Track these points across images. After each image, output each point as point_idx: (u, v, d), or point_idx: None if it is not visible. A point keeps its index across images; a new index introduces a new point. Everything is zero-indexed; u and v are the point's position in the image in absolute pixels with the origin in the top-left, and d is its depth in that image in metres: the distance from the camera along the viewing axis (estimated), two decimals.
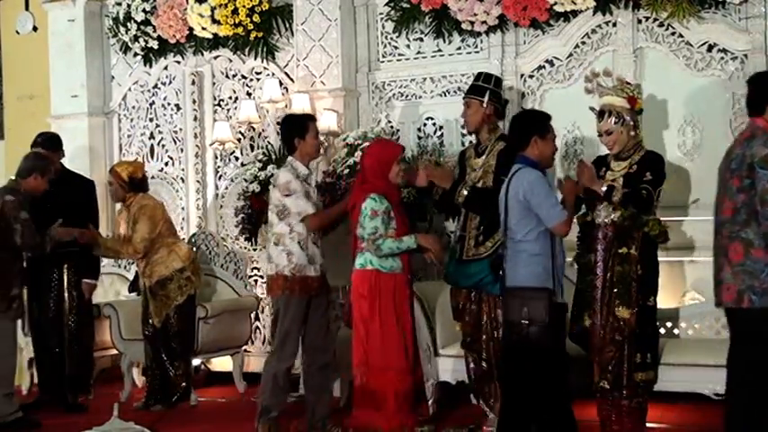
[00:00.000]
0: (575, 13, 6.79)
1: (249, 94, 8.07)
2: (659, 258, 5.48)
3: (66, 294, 7.04)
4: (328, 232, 6.06)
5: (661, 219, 5.42)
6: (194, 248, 7.80)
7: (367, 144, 6.85)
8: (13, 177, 6.58)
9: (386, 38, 7.53)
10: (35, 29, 8.95)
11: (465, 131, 7.09)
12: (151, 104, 8.59)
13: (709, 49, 6.49)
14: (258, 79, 8.03)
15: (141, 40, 8.35)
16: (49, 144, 7.16)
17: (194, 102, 8.30)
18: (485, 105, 5.77)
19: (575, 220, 5.64)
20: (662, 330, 5.94)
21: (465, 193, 5.66)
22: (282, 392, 5.83)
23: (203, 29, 7.96)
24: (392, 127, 7.45)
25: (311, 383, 5.92)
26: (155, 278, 6.87)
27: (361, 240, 5.55)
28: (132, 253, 6.84)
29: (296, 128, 5.83)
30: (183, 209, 8.39)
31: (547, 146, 5.12)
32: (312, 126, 5.88)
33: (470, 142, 6.69)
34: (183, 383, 6.92)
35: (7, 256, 6.31)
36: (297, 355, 5.88)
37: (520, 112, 5.45)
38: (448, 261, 5.89)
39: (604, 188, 5.25)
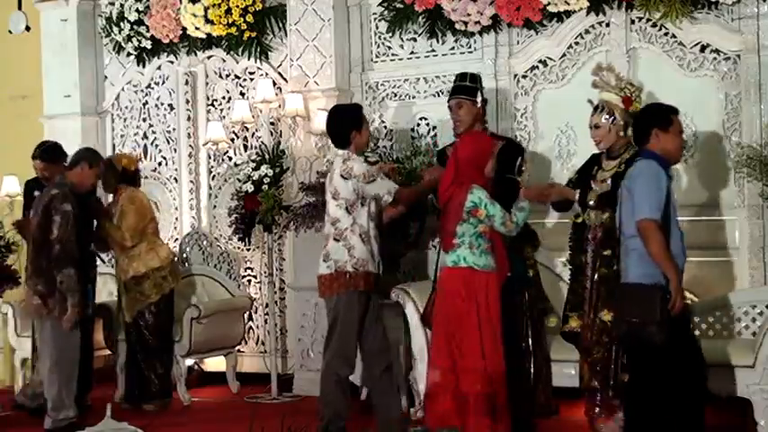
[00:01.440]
0: (568, 14, 6.80)
1: (242, 94, 8.06)
2: None
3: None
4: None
5: None
6: (181, 251, 7.81)
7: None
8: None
9: (379, 38, 7.53)
10: (28, 28, 8.91)
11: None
12: (144, 104, 8.57)
13: (702, 49, 6.50)
14: (252, 79, 8.03)
15: (134, 39, 8.33)
16: (47, 156, 7.02)
17: (188, 102, 8.29)
18: (478, 105, 5.80)
19: (568, 220, 5.68)
20: None
21: None
22: (347, 398, 5.58)
23: (197, 29, 7.96)
24: (385, 127, 7.45)
25: (378, 387, 5.67)
26: (130, 273, 6.89)
27: (454, 236, 5.27)
28: (120, 239, 6.83)
29: (353, 120, 5.60)
30: (176, 209, 8.38)
31: (669, 139, 4.81)
32: (365, 118, 5.71)
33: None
34: (158, 383, 6.93)
35: (52, 251, 6.14)
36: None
37: (644, 106, 5.22)
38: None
39: (577, 196, 5.36)
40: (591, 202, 5.37)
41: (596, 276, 5.34)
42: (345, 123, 5.59)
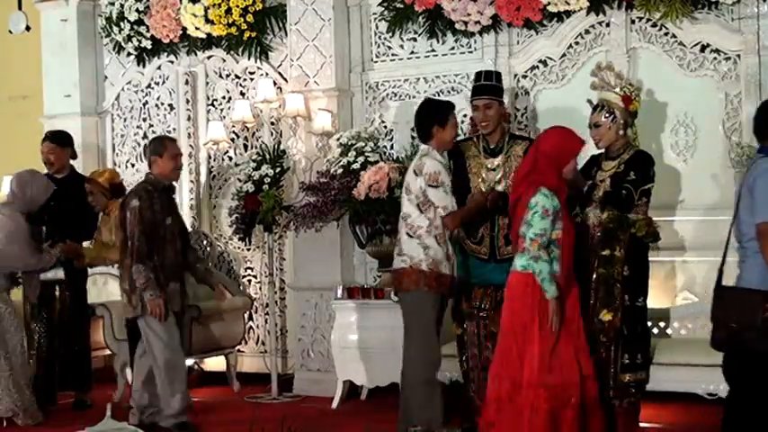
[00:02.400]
0: (568, 14, 6.80)
1: (243, 94, 8.06)
2: (651, 258, 5.51)
3: (57, 293, 7.03)
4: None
5: (653, 219, 5.45)
6: None
7: (360, 144, 6.88)
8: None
9: (379, 38, 7.53)
10: (28, 28, 8.92)
11: (459, 132, 7.09)
12: (144, 104, 8.57)
13: (702, 49, 6.50)
14: (252, 79, 8.02)
15: (134, 39, 8.33)
16: (56, 139, 7.17)
17: (188, 101, 8.29)
18: (505, 106, 5.82)
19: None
20: (654, 330, 5.97)
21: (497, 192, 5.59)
22: (442, 400, 5.37)
23: (197, 29, 7.96)
24: (385, 127, 7.45)
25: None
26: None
27: (523, 239, 4.98)
28: (116, 255, 6.80)
29: (437, 115, 5.49)
30: None
31: None
32: (453, 116, 5.55)
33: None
34: None
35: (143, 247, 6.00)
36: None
37: (765, 100, 4.88)
38: (470, 264, 5.78)
39: (586, 187, 5.33)
40: (596, 198, 5.36)
41: (594, 276, 5.34)
42: (428, 117, 5.49)
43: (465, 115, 6.81)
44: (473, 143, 5.87)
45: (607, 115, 5.44)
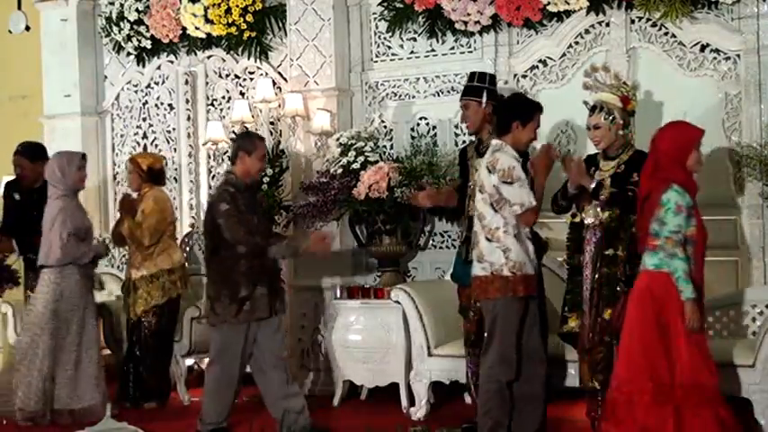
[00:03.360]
0: (568, 13, 6.80)
1: (242, 94, 8.06)
2: None
3: None
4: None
5: None
6: (183, 252, 7.81)
7: (360, 144, 6.88)
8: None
9: (379, 38, 7.52)
10: (28, 28, 8.92)
11: (459, 131, 7.12)
12: (144, 104, 8.57)
13: (702, 49, 6.50)
14: (251, 79, 8.02)
15: (134, 39, 8.33)
16: (26, 152, 7.16)
17: (187, 101, 8.29)
18: (483, 105, 5.78)
19: (565, 220, 5.67)
20: None
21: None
22: (508, 405, 5.16)
23: (196, 28, 7.95)
24: (385, 127, 7.45)
25: (529, 393, 5.27)
26: (141, 272, 6.89)
27: (654, 237, 4.84)
28: (141, 237, 6.84)
29: (522, 111, 5.26)
30: (176, 208, 8.35)
31: None
32: (537, 118, 5.32)
33: (464, 141, 6.71)
34: (156, 383, 6.93)
35: (229, 254, 5.63)
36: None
37: None
38: (455, 261, 5.90)
39: (593, 185, 5.30)
40: (602, 197, 5.34)
41: (597, 276, 5.33)
42: (511, 111, 5.27)
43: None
44: (472, 144, 5.94)
45: (606, 116, 5.42)
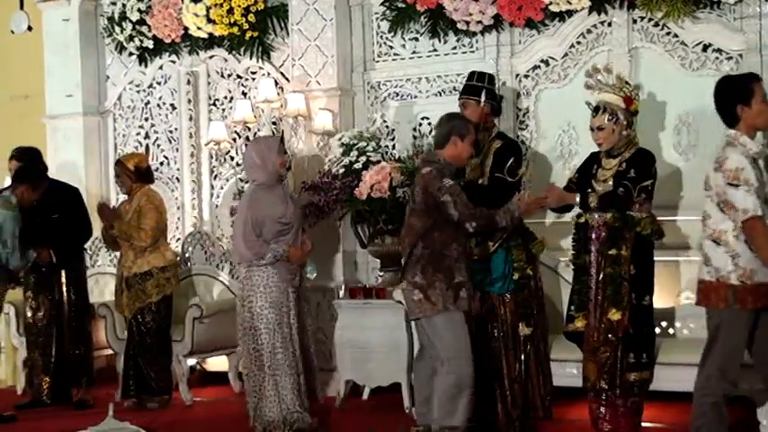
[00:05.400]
0: (570, 13, 6.79)
1: (244, 94, 8.06)
2: (654, 258, 5.50)
3: (64, 292, 7.03)
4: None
5: (655, 216, 5.45)
6: (183, 251, 7.83)
7: (362, 144, 6.88)
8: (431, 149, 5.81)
9: (381, 37, 7.52)
10: (30, 28, 8.92)
11: None
12: (146, 104, 8.57)
13: (705, 48, 6.49)
14: (253, 79, 8.02)
15: (136, 39, 8.33)
16: (22, 157, 7.17)
17: (189, 101, 8.29)
18: (482, 105, 5.80)
19: (570, 220, 5.68)
20: (657, 330, 5.95)
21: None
22: (724, 422, 4.67)
23: (198, 28, 7.96)
24: (387, 126, 7.45)
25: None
26: (134, 270, 6.91)
27: None
28: (142, 239, 6.87)
29: (737, 92, 4.69)
30: (178, 208, 8.38)
31: None
32: (758, 89, 4.69)
33: None
34: (157, 381, 6.94)
35: (442, 236, 5.20)
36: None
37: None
38: None
39: (578, 199, 5.34)
40: (592, 205, 5.38)
41: (601, 276, 5.33)
42: (728, 96, 4.71)
43: None
44: None
45: (610, 118, 5.43)
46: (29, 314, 7.10)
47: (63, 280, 7.03)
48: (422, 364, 5.48)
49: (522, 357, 5.64)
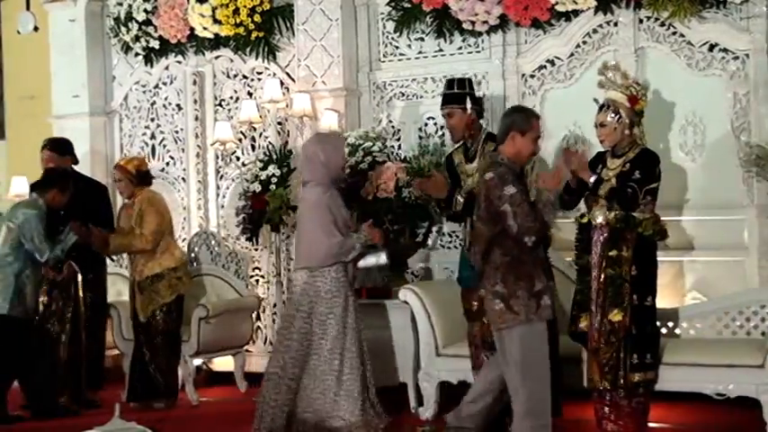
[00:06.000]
0: (576, 13, 6.79)
1: (250, 94, 8.06)
2: (659, 258, 5.50)
3: (80, 293, 7.03)
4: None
5: (660, 216, 5.44)
6: (189, 251, 7.83)
7: (368, 144, 6.88)
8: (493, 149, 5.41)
9: (387, 38, 7.52)
10: (36, 29, 8.93)
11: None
12: (152, 104, 8.58)
13: (711, 48, 6.48)
14: (259, 79, 8.03)
15: (142, 40, 8.34)
16: (55, 147, 7.18)
17: (195, 102, 8.30)
18: (468, 112, 5.82)
19: (573, 221, 5.67)
20: (663, 330, 5.95)
21: (461, 199, 5.68)
22: None
23: (204, 29, 7.96)
24: (393, 127, 7.45)
25: None
26: (145, 273, 6.90)
27: None
28: (144, 244, 6.86)
29: None
30: (184, 209, 8.38)
31: None
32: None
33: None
34: (164, 382, 6.94)
35: (514, 242, 4.91)
36: None
37: None
38: (460, 266, 5.90)
39: (593, 179, 5.31)
40: (602, 192, 5.36)
41: (602, 277, 5.33)
42: None
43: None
44: (458, 150, 6.00)
45: (613, 115, 5.44)
46: (40, 308, 7.09)
47: (79, 280, 6.99)
48: (495, 363, 5.21)
49: None
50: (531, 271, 4.90)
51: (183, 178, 8.41)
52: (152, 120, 8.58)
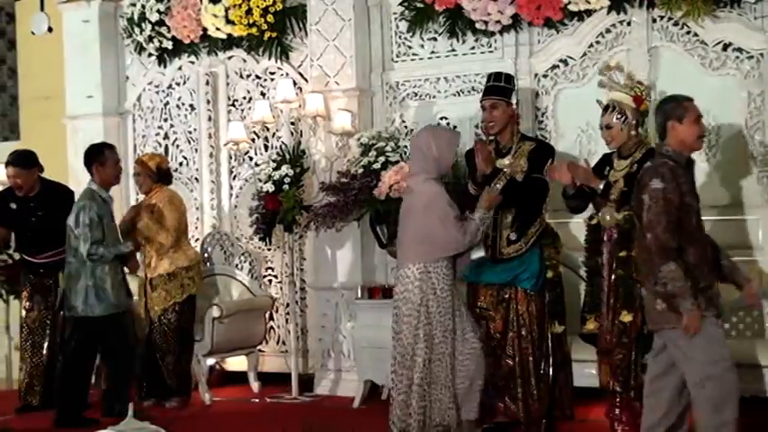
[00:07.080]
0: (589, 13, 6.77)
1: (263, 95, 8.07)
2: None
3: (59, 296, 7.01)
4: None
5: None
6: (203, 251, 7.84)
7: (381, 144, 6.88)
8: None
9: (400, 38, 7.52)
10: (50, 29, 8.95)
11: (480, 131, 7.10)
12: (166, 105, 8.61)
13: (725, 48, 6.45)
14: (272, 79, 8.04)
15: (156, 40, 8.36)
16: (19, 161, 7.08)
17: (208, 102, 8.32)
18: (513, 106, 5.83)
19: (582, 222, 5.67)
20: None
21: (498, 186, 5.60)
22: None
23: (217, 29, 7.98)
24: (406, 127, 7.45)
25: None
26: (158, 271, 6.92)
27: None
28: (165, 239, 6.90)
29: None
30: (197, 209, 8.40)
31: None
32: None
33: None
34: (177, 381, 6.96)
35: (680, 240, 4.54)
36: None
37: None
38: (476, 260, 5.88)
39: (602, 185, 5.31)
40: (613, 197, 5.35)
41: (613, 278, 5.32)
42: None
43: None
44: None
45: (618, 116, 5.42)
46: (23, 314, 7.14)
47: (60, 283, 6.95)
48: (666, 379, 4.70)
49: (551, 356, 5.65)
50: (691, 270, 4.51)
51: (196, 178, 8.43)
52: (165, 120, 8.61)
